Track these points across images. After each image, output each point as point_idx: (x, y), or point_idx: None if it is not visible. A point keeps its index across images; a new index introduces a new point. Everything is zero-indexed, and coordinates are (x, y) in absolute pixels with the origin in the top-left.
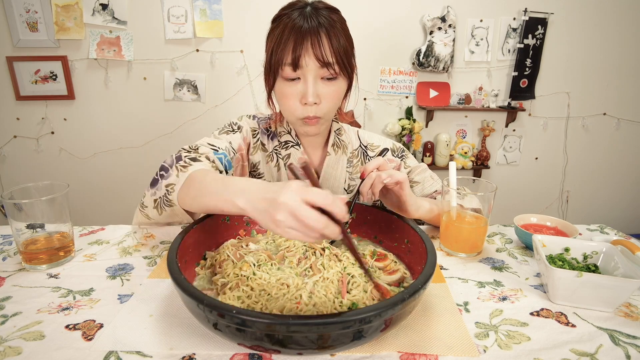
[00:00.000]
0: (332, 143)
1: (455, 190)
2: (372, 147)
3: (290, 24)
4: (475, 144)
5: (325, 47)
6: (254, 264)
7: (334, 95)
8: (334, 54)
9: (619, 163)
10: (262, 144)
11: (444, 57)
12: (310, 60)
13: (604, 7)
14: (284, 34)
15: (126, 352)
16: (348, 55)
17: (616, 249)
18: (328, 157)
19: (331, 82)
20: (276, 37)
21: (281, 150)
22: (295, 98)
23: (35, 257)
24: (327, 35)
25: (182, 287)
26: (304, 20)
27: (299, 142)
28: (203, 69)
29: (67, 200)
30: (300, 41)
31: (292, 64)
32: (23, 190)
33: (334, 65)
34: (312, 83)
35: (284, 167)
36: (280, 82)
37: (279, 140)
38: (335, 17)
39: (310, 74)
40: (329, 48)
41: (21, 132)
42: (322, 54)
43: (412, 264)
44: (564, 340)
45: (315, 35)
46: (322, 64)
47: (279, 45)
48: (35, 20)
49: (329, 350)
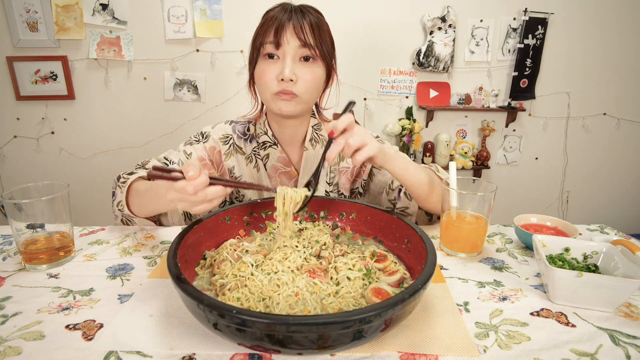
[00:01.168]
0: (309, 138)
1: (455, 190)
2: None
3: (274, 12)
4: (476, 144)
5: (307, 28)
6: (252, 264)
7: (311, 77)
8: (314, 36)
9: (619, 163)
10: (237, 147)
11: (444, 57)
12: (292, 38)
13: (604, 7)
14: (268, 18)
15: (126, 352)
16: (328, 45)
17: (616, 249)
18: (306, 153)
19: (309, 63)
20: (261, 23)
21: (260, 151)
22: (272, 74)
23: (35, 257)
24: (309, 22)
25: (182, 287)
26: (289, 11)
27: (277, 142)
28: (203, 69)
29: (67, 200)
30: (283, 22)
31: (273, 41)
32: (23, 190)
33: (314, 48)
34: (290, 61)
35: (263, 168)
36: (260, 62)
37: (257, 141)
38: (319, 15)
39: (290, 53)
40: (310, 31)
41: (21, 132)
42: (303, 33)
43: (412, 264)
44: (564, 340)
45: (297, 17)
46: (302, 43)
47: (262, 27)
48: (35, 20)
49: (329, 350)
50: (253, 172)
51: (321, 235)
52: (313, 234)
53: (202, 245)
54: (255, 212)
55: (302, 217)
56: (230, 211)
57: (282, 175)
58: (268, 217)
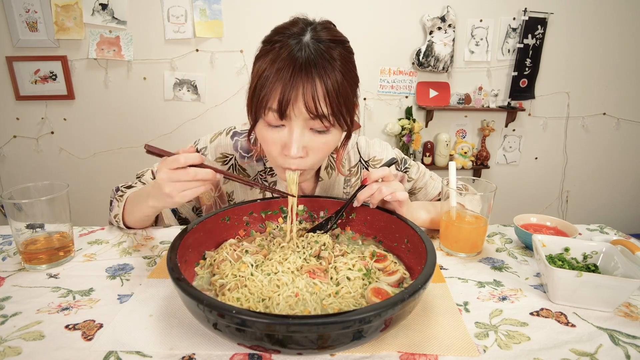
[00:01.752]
0: (325, 166)
1: (455, 190)
2: (374, 162)
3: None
4: (475, 143)
5: (320, 97)
6: (252, 264)
7: (324, 148)
8: (329, 104)
9: (619, 163)
10: (240, 169)
11: (443, 57)
12: (300, 111)
13: (604, 7)
14: (272, 69)
15: (126, 352)
16: (348, 103)
17: (616, 248)
18: (321, 183)
19: (322, 134)
20: (263, 71)
21: (267, 176)
22: (277, 146)
23: (35, 257)
24: (323, 82)
25: (182, 287)
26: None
27: None
28: (203, 69)
29: (67, 200)
30: (290, 86)
31: (277, 110)
32: (23, 190)
33: (328, 117)
34: (299, 135)
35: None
36: (261, 125)
37: (264, 164)
38: (336, 54)
39: (298, 125)
40: (324, 99)
41: (21, 132)
42: (315, 104)
43: (412, 264)
44: (564, 340)
45: (309, 80)
46: (313, 116)
47: (264, 85)
48: (35, 20)
49: (329, 350)
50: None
51: (321, 236)
52: (312, 235)
53: (202, 245)
54: (255, 212)
55: (302, 217)
56: (230, 211)
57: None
58: (268, 217)
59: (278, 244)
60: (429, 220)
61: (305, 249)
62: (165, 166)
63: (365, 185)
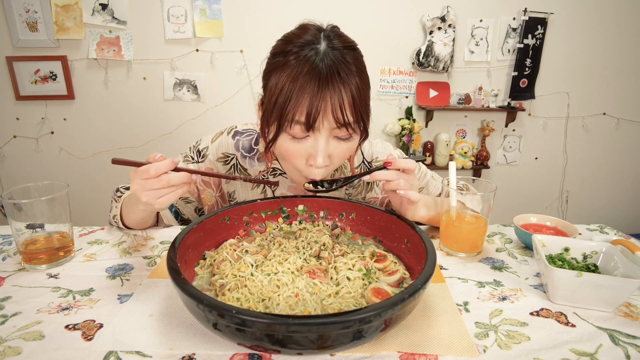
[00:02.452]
0: None
1: (455, 190)
2: (377, 162)
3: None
4: (475, 143)
5: (346, 106)
6: (252, 264)
7: (346, 154)
8: (354, 113)
9: (619, 163)
10: (241, 169)
11: (443, 57)
12: (328, 122)
13: (604, 7)
14: (296, 84)
15: (126, 352)
16: (367, 108)
17: (616, 248)
18: None
19: (345, 141)
20: (283, 85)
21: (268, 176)
22: (301, 157)
23: (35, 257)
24: (348, 90)
25: (181, 287)
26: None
27: None
28: (203, 69)
29: (67, 200)
30: (317, 98)
31: (305, 123)
32: (23, 190)
33: (352, 125)
34: (325, 144)
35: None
36: (284, 138)
37: (266, 163)
38: (351, 59)
39: (324, 135)
40: (350, 107)
41: (21, 132)
42: (342, 114)
43: (412, 264)
44: (564, 340)
45: (335, 92)
46: (340, 125)
47: (288, 99)
48: (35, 20)
49: (329, 350)
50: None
51: (320, 236)
52: (312, 235)
53: (202, 245)
54: (255, 212)
55: (301, 217)
56: (230, 211)
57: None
58: (268, 217)
59: (278, 244)
60: (428, 218)
61: (305, 249)
62: (136, 177)
63: (387, 168)
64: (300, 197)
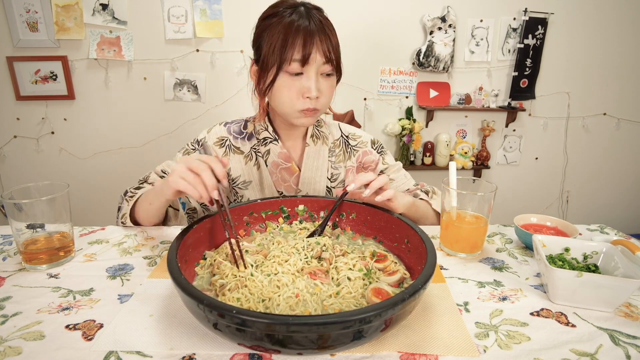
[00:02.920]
0: (310, 134)
1: (455, 190)
2: (354, 137)
3: (293, 22)
4: (476, 144)
5: (330, 44)
6: (252, 264)
7: (330, 90)
8: (334, 50)
9: (619, 163)
10: (234, 148)
11: (444, 57)
12: (318, 56)
13: (604, 7)
14: (289, 31)
15: (126, 352)
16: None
17: (616, 249)
18: (307, 148)
19: (329, 77)
20: (279, 34)
21: (260, 147)
22: (298, 92)
23: (36, 257)
24: (327, 34)
25: (182, 287)
26: (304, 19)
27: (277, 137)
28: (203, 69)
29: (67, 200)
30: (309, 39)
31: (301, 60)
32: (23, 190)
33: (333, 62)
34: (315, 78)
35: (264, 164)
36: (283, 77)
37: (257, 138)
38: (326, 17)
39: (314, 70)
40: (331, 45)
41: (21, 132)
42: (328, 50)
43: (412, 264)
44: (564, 340)
45: (322, 33)
46: (327, 59)
47: (285, 42)
48: (35, 20)
49: (329, 350)
50: (253, 170)
51: (321, 237)
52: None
53: (202, 245)
54: (255, 212)
55: (302, 217)
56: (231, 211)
57: (283, 171)
58: (268, 217)
59: (277, 243)
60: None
61: (305, 251)
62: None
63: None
64: (300, 197)
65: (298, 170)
